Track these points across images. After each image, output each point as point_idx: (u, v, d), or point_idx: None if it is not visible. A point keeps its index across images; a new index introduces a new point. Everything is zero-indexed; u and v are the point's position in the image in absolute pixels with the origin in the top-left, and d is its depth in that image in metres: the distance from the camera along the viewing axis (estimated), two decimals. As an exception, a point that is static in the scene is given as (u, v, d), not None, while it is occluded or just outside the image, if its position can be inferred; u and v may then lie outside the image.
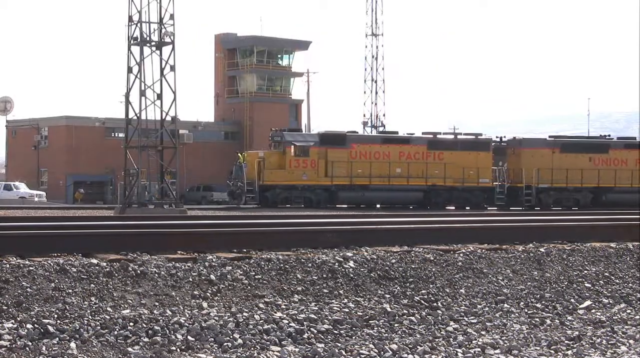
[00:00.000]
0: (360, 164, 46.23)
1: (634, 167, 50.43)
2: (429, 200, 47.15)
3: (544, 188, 48.69)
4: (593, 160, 50.06)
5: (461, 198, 47.94)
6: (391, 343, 9.27)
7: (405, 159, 47.14)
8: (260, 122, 69.54)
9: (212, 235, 12.38)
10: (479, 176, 47.94)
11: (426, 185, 47.25)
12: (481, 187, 48.12)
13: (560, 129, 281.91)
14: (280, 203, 44.54)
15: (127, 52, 35.36)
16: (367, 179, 46.16)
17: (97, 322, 8.93)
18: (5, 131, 78.26)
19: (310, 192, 45.19)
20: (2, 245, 10.73)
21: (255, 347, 8.93)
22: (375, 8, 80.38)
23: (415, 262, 12.13)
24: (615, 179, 49.77)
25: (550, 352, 9.31)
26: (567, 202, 49.34)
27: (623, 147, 51.41)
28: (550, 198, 48.85)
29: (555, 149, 49.59)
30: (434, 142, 48.50)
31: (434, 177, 47.36)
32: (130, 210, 33.33)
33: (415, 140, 48.76)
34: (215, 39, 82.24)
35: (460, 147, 48.34)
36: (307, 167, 45.21)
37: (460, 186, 47.75)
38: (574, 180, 49.04)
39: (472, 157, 47.98)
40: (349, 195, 45.81)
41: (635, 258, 13.96)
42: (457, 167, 47.29)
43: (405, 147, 47.67)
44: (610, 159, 50.54)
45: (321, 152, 45.57)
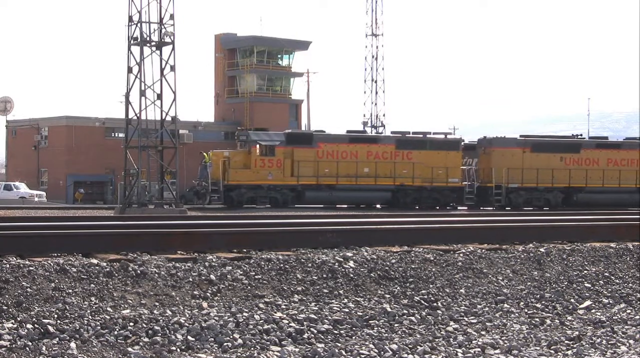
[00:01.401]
0: (327, 164, 45.78)
1: (606, 167, 50.05)
2: (397, 200, 46.80)
3: (514, 188, 48.26)
4: (564, 159, 49.68)
5: (430, 198, 47.53)
6: (391, 343, 9.27)
7: (373, 158, 46.66)
8: (260, 122, 69.42)
9: (212, 235, 12.38)
10: (448, 176, 47.51)
11: (394, 185, 46.82)
12: (450, 186, 47.69)
13: (560, 129, 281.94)
14: (246, 203, 44.11)
15: (127, 52, 35.37)
16: (334, 179, 45.69)
17: (97, 322, 8.94)
18: (5, 131, 78.25)
19: (276, 192, 44.71)
20: (2, 245, 10.73)
21: (255, 347, 8.93)
22: (375, 8, 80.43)
23: (415, 262, 12.13)
24: (587, 179, 49.41)
25: (550, 352, 9.31)
26: (538, 202, 48.94)
27: (595, 147, 50.93)
28: (520, 198, 48.41)
29: (526, 148, 49.13)
30: (402, 141, 48.01)
31: (403, 176, 46.99)
32: (130, 210, 33.33)
33: (383, 140, 48.46)
34: (215, 39, 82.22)
35: (429, 147, 47.89)
36: (272, 167, 44.71)
37: (429, 186, 47.32)
38: (544, 180, 48.67)
39: (441, 156, 47.58)
40: (316, 195, 45.33)
41: (635, 258, 13.96)
42: (426, 166, 46.98)
43: (373, 146, 47.22)
44: (581, 158, 50.11)
45: (287, 152, 45.13)
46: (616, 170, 49.97)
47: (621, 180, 49.86)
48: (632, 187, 50.08)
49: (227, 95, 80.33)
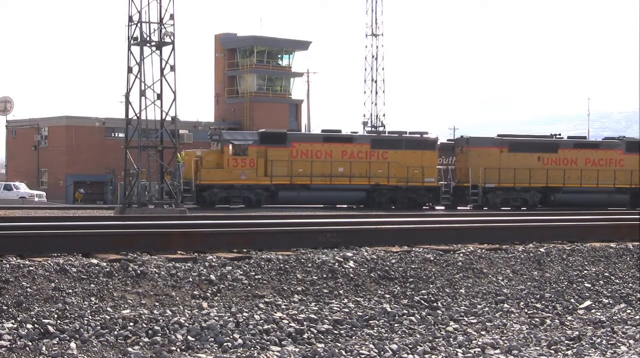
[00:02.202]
0: (301, 163, 45.48)
1: (584, 167, 49.68)
2: (373, 200, 46.49)
3: (491, 187, 47.94)
4: (542, 159, 49.30)
5: (406, 198, 47.27)
6: (391, 343, 9.27)
7: (348, 157, 46.35)
8: (260, 122, 69.46)
9: (212, 235, 12.38)
10: (424, 175, 47.25)
11: (369, 185, 46.49)
12: (426, 186, 47.44)
13: (560, 129, 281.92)
14: (219, 203, 43.90)
15: (127, 52, 35.35)
16: (308, 179, 45.40)
17: (97, 322, 8.94)
18: (5, 131, 78.25)
19: (250, 192, 44.43)
20: (2, 245, 10.74)
21: (255, 347, 8.93)
22: (375, 8, 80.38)
23: (415, 262, 12.13)
24: (565, 179, 49.06)
25: (550, 352, 9.30)
26: (515, 202, 48.60)
27: (573, 147, 50.56)
28: (497, 198, 48.10)
29: (503, 148, 48.80)
30: (377, 140, 47.79)
31: (378, 176, 46.64)
32: (130, 210, 33.32)
33: (358, 139, 48.05)
34: (215, 39, 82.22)
35: (405, 146, 47.60)
36: (245, 166, 44.45)
37: (404, 185, 47.02)
38: (522, 179, 48.28)
39: (417, 156, 47.32)
40: (290, 195, 45.04)
41: (635, 258, 13.96)
42: (402, 166, 46.70)
43: (348, 145, 46.87)
44: (559, 158, 49.76)
45: (260, 151, 44.89)
46: (594, 170, 49.53)
47: (599, 180, 49.39)
48: (610, 187, 49.60)
49: (227, 95, 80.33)
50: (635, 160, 50.24)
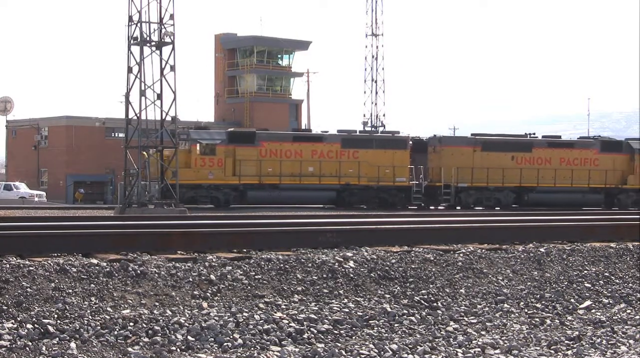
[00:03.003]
0: (271, 163, 45.20)
1: (558, 166, 49.32)
2: (343, 200, 46.22)
3: (464, 187, 47.61)
4: (516, 159, 48.91)
5: (377, 198, 46.98)
6: (391, 343, 9.27)
7: (318, 157, 46.03)
8: (261, 122, 69.45)
9: (212, 235, 12.38)
10: (395, 175, 46.95)
11: (339, 184, 46.22)
12: (397, 186, 47.13)
13: (560, 128, 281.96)
14: (186, 202, 42.85)
15: (127, 52, 35.34)
16: (277, 178, 45.15)
17: (97, 322, 8.93)
18: (5, 131, 78.25)
19: (218, 191, 44.13)
20: (2, 245, 10.73)
21: (255, 347, 8.93)
22: (375, 8, 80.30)
23: (415, 262, 12.13)
24: (538, 178, 48.67)
25: (550, 352, 9.30)
26: (488, 202, 48.25)
27: (547, 146, 50.13)
28: (470, 198, 47.78)
29: (476, 147, 48.48)
30: (348, 140, 47.39)
31: (348, 176, 46.32)
32: (130, 210, 33.31)
33: (329, 138, 47.60)
34: (215, 39, 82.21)
35: (376, 145, 47.29)
36: (213, 166, 44.14)
37: (375, 185, 46.71)
38: (495, 179, 47.96)
39: (388, 155, 47.00)
40: (259, 195, 44.82)
41: (635, 258, 13.96)
42: (372, 165, 46.42)
43: (318, 145, 46.55)
44: (533, 157, 49.34)
45: (229, 151, 44.59)
46: (568, 170, 49.17)
47: (574, 179, 49.05)
48: (585, 186, 49.24)
49: (227, 95, 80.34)
50: (610, 160, 49.84)
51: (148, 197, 37.46)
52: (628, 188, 49.78)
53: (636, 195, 49.78)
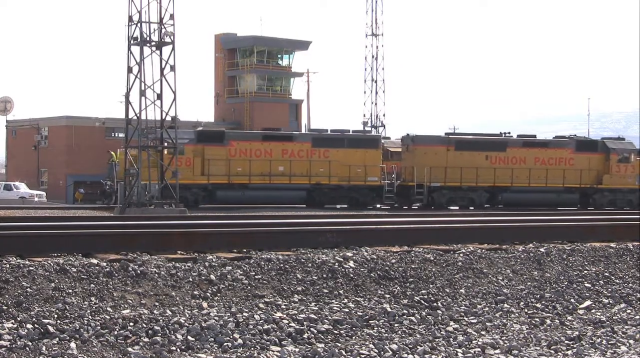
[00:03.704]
0: (240, 162, 44.71)
1: (533, 166, 48.71)
2: (313, 199, 45.77)
3: (437, 186, 47.10)
4: (490, 158, 48.35)
5: (348, 197, 46.59)
6: (391, 343, 9.27)
7: (288, 156, 45.57)
8: (261, 122, 69.46)
9: (212, 235, 12.38)
10: (366, 174, 46.49)
11: (310, 184, 45.80)
12: (369, 185, 46.68)
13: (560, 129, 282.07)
14: None
15: (127, 52, 35.35)
16: (246, 178, 44.72)
17: (97, 322, 8.93)
18: (5, 131, 78.24)
19: (186, 191, 43.33)
20: (2, 245, 10.73)
21: (255, 347, 8.93)
22: (375, 8, 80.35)
23: (415, 262, 12.13)
24: (512, 178, 48.12)
25: (550, 352, 9.30)
26: (462, 202, 47.69)
27: (521, 145, 49.51)
28: (443, 198, 47.26)
29: (450, 146, 47.89)
30: (319, 139, 46.95)
31: (319, 175, 45.90)
32: (130, 210, 33.32)
33: (299, 138, 47.31)
34: (215, 39, 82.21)
35: (347, 145, 46.87)
36: (181, 165, 42.73)
37: (346, 184, 46.29)
38: (468, 179, 47.40)
39: (359, 154, 46.59)
40: (228, 194, 44.29)
41: (635, 258, 13.96)
42: (343, 165, 46.01)
43: (288, 144, 46.07)
44: (507, 157, 48.74)
45: (197, 150, 44.15)
46: (543, 169, 48.62)
47: (548, 179, 48.49)
48: (559, 186, 48.72)
49: (227, 95, 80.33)
50: (585, 160, 49.38)
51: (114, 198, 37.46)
52: (603, 188, 49.25)
53: (611, 195, 49.30)
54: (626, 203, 49.22)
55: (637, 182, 49.70)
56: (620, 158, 49.72)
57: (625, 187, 49.50)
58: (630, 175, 49.71)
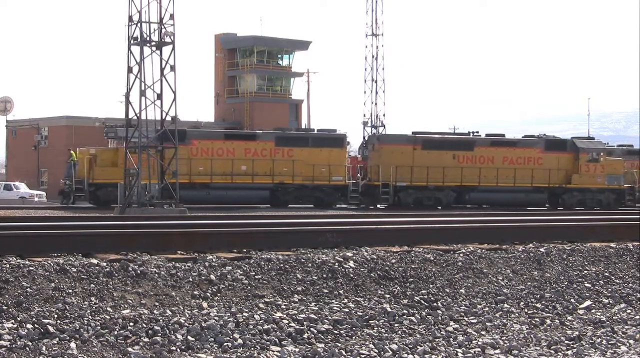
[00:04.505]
0: (202, 161, 44.11)
1: (501, 165, 48.09)
2: (277, 199, 45.23)
3: (403, 186, 46.54)
4: (457, 157, 47.66)
5: (312, 197, 45.94)
6: (391, 343, 9.27)
7: (251, 156, 44.99)
8: (261, 122, 69.51)
9: (212, 235, 12.38)
10: (331, 174, 45.92)
11: (273, 184, 45.26)
12: (333, 185, 46.11)
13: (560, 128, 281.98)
14: (114, 202, 41.33)
15: (127, 52, 35.33)
16: (208, 177, 44.18)
17: (97, 322, 8.93)
18: (5, 131, 78.25)
19: None
20: (2, 245, 10.73)
21: (255, 347, 8.93)
22: (375, 8, 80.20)
23: (415, 262, 12.13)
24: (480, 178, 47.52)
25: (550, 352, 9.30)
26: (428, 201, 47.05)
27: (489, 145, 48.83)
28: (409, 197, 46.70)
29: (416, 145, 47.32)
30: (282, 138, 46.39)
31: (282, 174, 45.28)
32: (130, 210, 33.31)
33: (262, 137, 46.57)
34: (215, 39, 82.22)
35: (312, 144, 46.30)
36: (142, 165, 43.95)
37: (310, 184, 45.68)
38: (435, 178, 46.77)
39: (324, 153, 46.06)
40: (190, 194, 42.86)
41: (635, 258, 13.96)
42: (307, 164, 45.47)
43: (251, 143, 45.52)
44: (475, 156, 48.09)
45: (158, 149, 42.26)
46: (511, 169, 48.05)
47: (516, 179, 47.90)
48: (528, 186, 48.16)
49: (227, 95, 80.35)
50: (554, 159, 48.86)
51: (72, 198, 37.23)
52: (572, 188, 48.79)
53: (580, 194, 48.86)
54: (596, 203, 48.72)
55: (606, 182, 49.19)
56: (590, 158, 49.14)
57: (595, 187, 48.91)
58: (600, 175, 49.15)
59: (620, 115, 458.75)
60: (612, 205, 48.40)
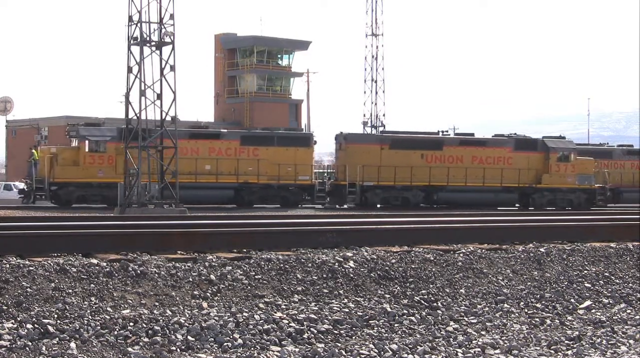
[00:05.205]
0: (166, 160, 41.74)
1: (470, 165, 47.67)
2: (242, 199, 44.87)
3: (370, 186, 46.10)
4: (425, 157, 47.28)
5: (277, 197, 45.60)
6: (391, 343, 9.27)
7: (216, 155, 44.50)
8: (261, 122, 69.52)
9: (212, 235, 12.38)
10: (297, 173, 45.45)
11: (237, 183, 44.84)
12: (299, 184, 45.70)
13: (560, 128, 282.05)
14: (76, 201, 42.18)
15: (127, 52, 35.31)
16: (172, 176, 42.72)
17: (97, 322, 8.93)
18: (5, 131, 78.28)
19: (109, 190, 42.06)
20: (2, 245, 10.73)
21: (255, 347, 8.93)
22: (375, 8, 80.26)
23: (415, 262, 12.13)
24: (449, 177, 47.04)
25: (550, 352, 9.31)
26: (396, 201, 46.24)
27: (458, 144, 48.34)
28: (376, 197, 46.30)
29: (384, 145, 46.93)
30: (247, 137, 46.07)
31: (247, 174, 44.88)
32: (130, 210, 33.30)
33: (227, 136, 46.15)
34: (215, 39, 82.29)
35: (277, 143, 45.84)
36: (103, 164, 42.59)
37: (275, 183, 45.26)
38: (403, 178, 46.07)
39: (290, 153, 45.59)
40: None
41: (635, 258, 13.96)
42: (273, 163, 45.06)
43: (215, 142, 44.94)
44: (444, 155, 47.65)
45: (120, 148, 41.86)
46: (480, 168, 47.62)
47: (485, 178, 47.50)
48: (497, 186, 47.70)
49: (227, 95, 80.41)
50: (524, 159, 48.45)
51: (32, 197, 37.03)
52: (542, 188, 48.41)
53: (551, 194, 48.52)
54: (567, 204, 48.45)
55: (577, 182, 48.85)
56: (560, 157, 48.77)
57: (565, 187, 48.59)
58: (571, 175, 48.80)
59: (620, 115, 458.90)
60: (583, 205, 48.07)
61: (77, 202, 42.43)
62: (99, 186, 43.01)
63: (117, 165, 42.91)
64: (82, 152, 43.25)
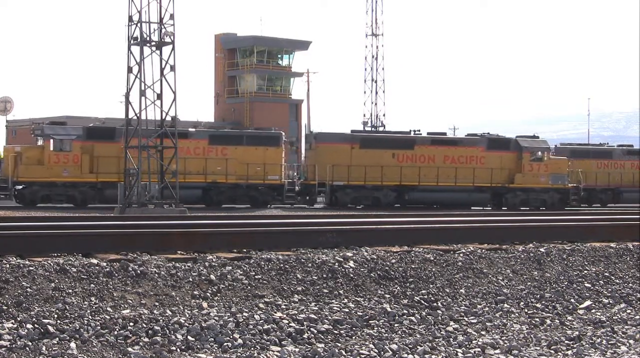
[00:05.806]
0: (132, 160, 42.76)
1: (442, 164, 47.18)
2: (210, 198, 44.65)
3: (340, 185, 45.92)
4: (397, 156, 47.06)
5: (246, 196, 45.39)
6: (391, 343, 9.27)
7: (184, 154, 43.20)
8: (261, 122, 69.51)
9: (212, 235, 12.38)
10: (266, 173, 45.23)
11: (205, 183, 44.30)
12: (268, 184, 45.22)
13: (560, 128, 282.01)
14: (41, 201, 41.92)
15: (127, 52, 35.33)
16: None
17: (97, 322, 8.94)
18: (5, 131, 78.25)
19: (74, 190, 42.33)
20: (2, 245, 10.73)
21: (255, 347, 8.93)
22: (375, 8, 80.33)
23: (415, 262, 12.13)
24: (420, 177, 46.61)
25: (550, 352, 9.30)
26: (367, 201, 46.21)
27: (430, 143, 48.09)
28: (347, 197, 46.09)
29: (354, 144, 46.74)
30: (216, 136, 45.66)
31: (216, 173, 44.59)
32: (130, 210, 33.31)
33: (195, 135, 45.80)
34: (215, 39, 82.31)
35: (246, 142, 45.65)
36: (68, 163, 42.20)
37: (244, 183, 45.04)
38: (373, 177, 45.81)
39: (259, 152, 45.42)
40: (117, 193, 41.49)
41: (635, 258, 13.96)
42: (242, 163, 44.82)
43: (183, 141, 43.59)
44: (415, 155, 47.45)
45: (86, 147, 42.82)
46: (452, 168, 47.35)
47: (458, 178, 47.18)
48: (470, 186, 47.45)
49: (227, 95, 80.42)
50: (497, 158, 48.21)
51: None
52: (515, 188, 48.19)
53: (524, 194, 48.29)
54: (540, 203, 48.25)
55: (550, 181, 48.62)
56: (533, 157, 48.53)
57: (539, 187, 48.36)
58: (544, 174, 48.56)
59: (620, 115, 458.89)
60: (556, 205, 47.89)
61: (41, 201, 42.07)
62: (63, 186, 42.73)
63: (83, 165, 42.76)
64: (47, 151, 42.76)
